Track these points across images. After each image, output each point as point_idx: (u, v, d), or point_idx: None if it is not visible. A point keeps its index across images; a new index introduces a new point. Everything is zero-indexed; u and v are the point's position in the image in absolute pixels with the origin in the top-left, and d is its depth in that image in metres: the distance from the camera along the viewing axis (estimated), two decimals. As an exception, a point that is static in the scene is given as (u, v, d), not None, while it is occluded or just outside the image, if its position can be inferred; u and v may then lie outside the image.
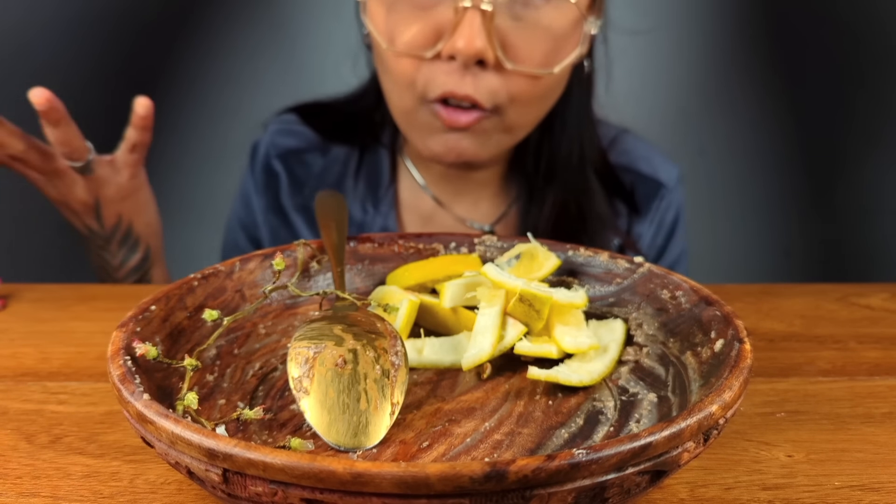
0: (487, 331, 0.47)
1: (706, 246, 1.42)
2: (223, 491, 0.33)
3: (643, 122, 1.36)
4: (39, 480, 0.41)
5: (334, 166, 0.88)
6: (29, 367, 0.54)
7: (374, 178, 0.87)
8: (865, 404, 0.50)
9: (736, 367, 0.38)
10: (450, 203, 0.86)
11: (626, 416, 0.43)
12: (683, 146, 1.38)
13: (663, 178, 0.89)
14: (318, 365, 0.42)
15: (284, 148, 0.89)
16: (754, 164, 1.40)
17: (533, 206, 0.83)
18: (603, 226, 0.83)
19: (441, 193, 0.86)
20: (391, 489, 0.30)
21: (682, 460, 0.34)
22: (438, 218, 0.86)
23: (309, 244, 0.55)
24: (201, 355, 0.45)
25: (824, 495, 0.41)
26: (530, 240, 0.54)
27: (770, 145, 1.38)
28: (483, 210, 0.86)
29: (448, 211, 0.86)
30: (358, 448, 0.40)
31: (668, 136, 1.37)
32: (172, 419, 0.34)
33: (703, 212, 1.42)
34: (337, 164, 0.88)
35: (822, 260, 1.41)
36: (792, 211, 1.40)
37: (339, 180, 0.88)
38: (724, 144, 1.39)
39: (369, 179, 0.87)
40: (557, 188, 0.82)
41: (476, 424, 0.42)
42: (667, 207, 0.89)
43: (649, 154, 0.90)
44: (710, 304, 0.46)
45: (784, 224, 1.41)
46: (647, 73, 1.36)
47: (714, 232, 1.42)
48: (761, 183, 1.40)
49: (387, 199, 0.86)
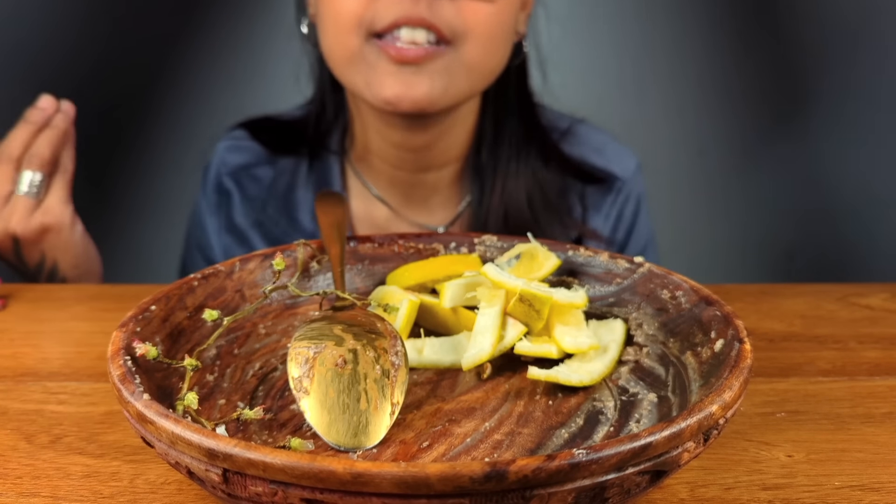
0: (487, 331, 0.47)
1: (706, 246, 1.42)
2: (223, 491, 0.33)
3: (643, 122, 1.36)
4: (39, 480, 0.41)
5: (283, 177, 0.87)
6: (29, 367, 0.54)
7: (324, 186, 0.86)
8: (865, 404, 0.50)
9: (736, 367, 0.38)
10: (402, 209, 0.85)
11: (626, 416, 0.43)
12: (683, 146, 1.38)
13: (617, 170, 0.86)
14: (318, 365, 0.42)
15: (234, 165, 0.88)
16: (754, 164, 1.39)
17: (483, 203, 0.82)
18: (555, 219, 0.82)
19: (393, 200, 0.85)
20: (391, 489, 0.30)
21: (682, 460, 0.34)
22: (393, 227, 0.84)
23: (309, 244, 0.55)
24: (201, 355, 0.45)
25: (824, 495, 0.41)
26: (530, 240, 0.54)
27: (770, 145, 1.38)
28: (438, 214, 0.85)
29: (402, 218, 0.84)
30: (358, 448, 0.40)
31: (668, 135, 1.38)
32: (172, 419, 0.34)
33: (703, 212, 1.42)
34: (286, 174, 0.87)
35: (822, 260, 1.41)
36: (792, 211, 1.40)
37: (289, 191, 0.87)
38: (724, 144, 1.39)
39: (319, 187, 0.86)
40: (505, 182, 0.81)
41: (476, 424, 0.42)
42: (625, 200, 0.86)
43: (603, 145, 0.88)
44: (710, 304, 0.46)
45: (784, 224, 1.41)
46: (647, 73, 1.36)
47: (714, 232, 1.42)
48: (761, 183, 1.40)
49: None
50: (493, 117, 0.82)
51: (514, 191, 0.81)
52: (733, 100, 1.37)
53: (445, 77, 0.71)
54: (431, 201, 0.85)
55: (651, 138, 1.36)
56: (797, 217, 1.40)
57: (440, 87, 0.71)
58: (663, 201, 1.40)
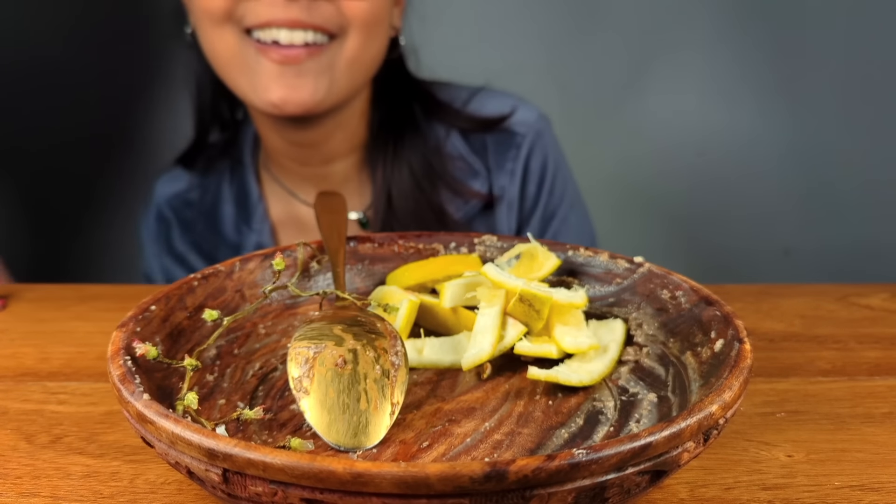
0: (487, 331, 0.47)
1: (706, 246, 1.42)
2: (223, 491, 0.33)
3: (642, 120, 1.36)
4: (39, 480, 0.41)
5: (207, 196, 0.89)
6: (29, 367, 0.54)
7: (242, 198, 0.88)
8: (865, 404, 0.50)
9: (736, 367, 0.38)
10: None
11: (626, 416, 0.43)
12: (683, 146, 1.38)
13: (516, 124, 0.86)
14: (318, 365, 0.42)
15: (168, 194, 0.91)
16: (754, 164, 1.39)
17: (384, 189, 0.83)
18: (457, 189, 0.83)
19: (308, 195, 0.86)
20: (391, 489, 0.30)
21: (682, 460, 0.34)
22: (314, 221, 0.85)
23: (309, 244, 0.55)
24: (201, 355, 0.45)
25: (824, 495, 0.41)
26: (530, 240, 0.54)
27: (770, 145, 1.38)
28: (353, 201, 0.86)
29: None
30: (358, 448, 0.40)
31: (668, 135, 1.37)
32: (172, 419, 0.34)
33: (703, 211, 1.42)
34: (210, 193, 0.89)
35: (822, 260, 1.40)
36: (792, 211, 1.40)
37: (214, 207, 0.89)
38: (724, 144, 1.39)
39: (239, 200, 0.88)
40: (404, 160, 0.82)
41: (476, 424, 0.42)
42: (528, 154, 0.86)
43: (501, 103, 0.88)
44: (710, 303, 0.46)
45: (784, 224, 1.41)
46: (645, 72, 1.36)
47: (714, 232, 1.42)
48: (761, 182, 1.40)
49: (257, 216, 0.87)
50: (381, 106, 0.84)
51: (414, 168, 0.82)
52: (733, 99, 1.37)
53: (328, 75, 0.72)
54: (345, 190, 0.86)
55: (651, 138, 1.36)
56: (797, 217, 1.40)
57: (324, 87, 0.73)
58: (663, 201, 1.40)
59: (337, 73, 0.73)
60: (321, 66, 0.71)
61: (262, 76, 0.72)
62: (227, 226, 0.88)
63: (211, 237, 0.89)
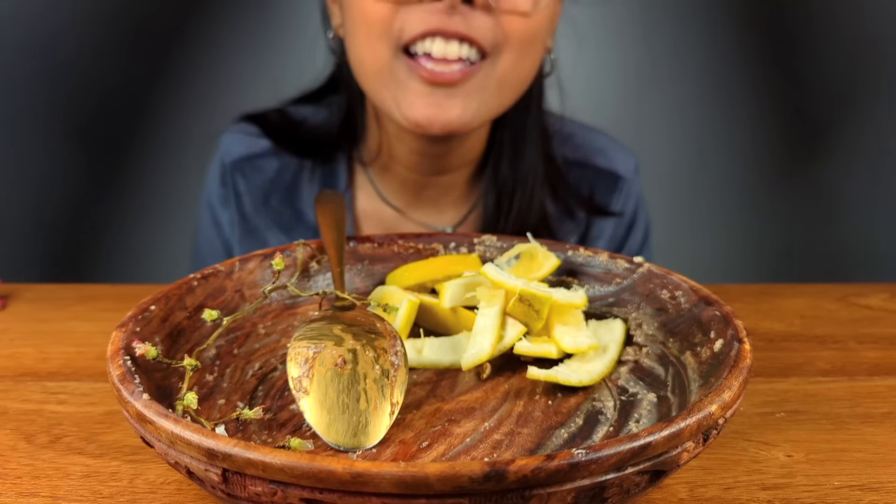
0: (487, 331, 0.47)
1: (706, 246, 1.42)
2: (223, 491, 0.33)
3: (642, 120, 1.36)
4: (39, 480, 0.41)
5: (288, 169, 0.86)
6: (29, 367, 0.54)
7: (329, 184, 0.85)
8: (865, 404, 0.50)
9: (735, 367, 0.38)
10: (411, 210, 0.84)
11: (626, 416, 0.43)
12: (683, 146, 1.38)
13: (621, 170, 0.87)
14: (318, 365, 0.42)
15: (238, 156, 0.87)
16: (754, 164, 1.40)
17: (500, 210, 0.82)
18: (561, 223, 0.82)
19: (402, 200, 0.84)
20: (391, 489, 0.30)
21: (681, 460, 0.34)
22: (401, 226, 0.84)
23: (309, 244, 0.55)
24: (201, 355, 0.45)
25: (824, 495, 0.41)
26: (530, 240, 0.54)
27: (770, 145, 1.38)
28: (447, 215, 0.85)
29: (409, 218, 0.84)
30: (358, 448, 0.40)
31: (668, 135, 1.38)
32: (172, 419, 0.34)
33: (703, 211, 1.42)
34: (291, 167, 0.86)
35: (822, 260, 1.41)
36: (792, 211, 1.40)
37: (294, 183, 0.85)
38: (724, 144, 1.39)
39: (325, 184, 0.85)
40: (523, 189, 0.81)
41: (476, 424, 0.42)
42: (626, 198, 0.87)
43: (605, 146, 0.88)
44: (709, 304, 0.46)
45: (784, 224, 1.41)
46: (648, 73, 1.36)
47: (714, 232, 1.42)
48: (761, 182, 1.40)
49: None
50: (512, 129, 0.81)
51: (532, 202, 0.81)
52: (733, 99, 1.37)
53: (478, 97, 0.70)
54: (441, 202, 0.85)
55: (651, 138, 1.36)
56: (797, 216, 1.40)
57: (472, 110, 0.70)
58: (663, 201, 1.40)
59: (487, 93, 0.70)
60: (472, 87, 0.69)
61: (410, 93, 0.69)
62: (307, 206, 0.84)
63: (286, 212, 0.84)
